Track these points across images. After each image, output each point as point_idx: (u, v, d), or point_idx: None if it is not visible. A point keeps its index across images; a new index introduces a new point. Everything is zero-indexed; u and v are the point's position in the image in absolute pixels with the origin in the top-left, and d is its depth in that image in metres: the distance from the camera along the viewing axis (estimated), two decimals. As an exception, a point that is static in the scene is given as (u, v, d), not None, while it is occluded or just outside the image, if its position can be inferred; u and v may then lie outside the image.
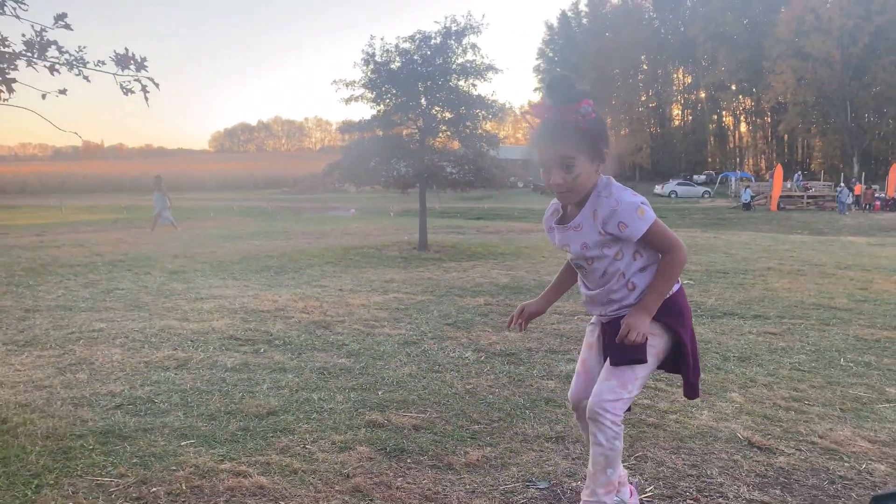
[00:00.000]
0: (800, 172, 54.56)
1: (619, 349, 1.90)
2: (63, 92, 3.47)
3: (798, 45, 58.70)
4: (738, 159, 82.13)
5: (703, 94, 78.86)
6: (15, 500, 2.86)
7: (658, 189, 49.67)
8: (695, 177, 63.01)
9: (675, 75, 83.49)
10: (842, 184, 39.08)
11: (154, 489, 2.97)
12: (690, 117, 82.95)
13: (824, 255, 13.52)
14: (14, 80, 3.16)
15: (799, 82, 60.11)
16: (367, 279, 9.66)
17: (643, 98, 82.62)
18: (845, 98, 60.23)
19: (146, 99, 3.30)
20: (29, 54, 3.10)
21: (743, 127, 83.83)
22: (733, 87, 73.49)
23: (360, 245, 14.89)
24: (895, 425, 3.94)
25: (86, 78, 3.24)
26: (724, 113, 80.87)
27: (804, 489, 3.15)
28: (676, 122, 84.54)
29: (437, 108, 13.47)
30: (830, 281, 9.63)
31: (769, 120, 75.58)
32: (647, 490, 3.09)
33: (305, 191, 57.08)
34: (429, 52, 13.04)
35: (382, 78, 13.22)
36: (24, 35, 3.02)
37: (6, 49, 3.09)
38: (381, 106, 13.62)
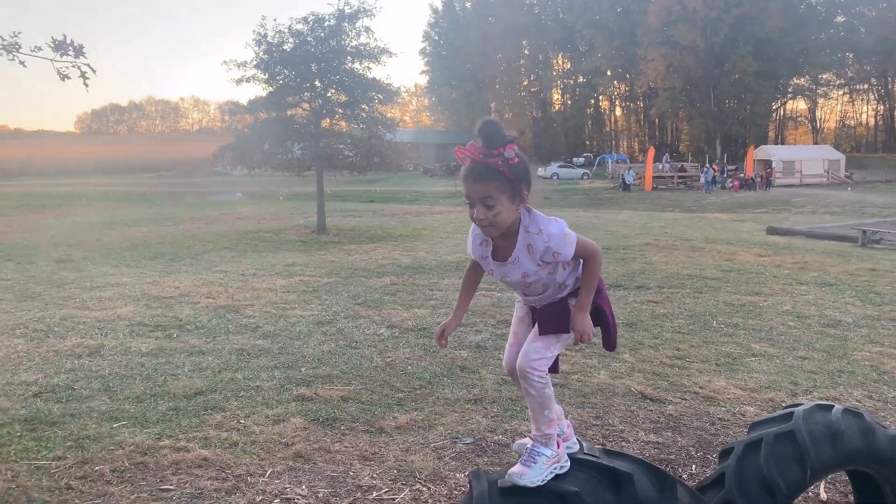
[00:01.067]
0: (667, 154, 58.30)
1: (547, 321, 2.19)
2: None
3: (667, 34, 62.48)
4: (613, 142, 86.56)
5: (581, 80, 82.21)
6: (-49, 488, 2.84)
7: (540, 171, 51.40)
8: (574, 159, 65.77)
9: (555, 61, 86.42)
10: (707, 164, 42.25)
11: (98, 468, 3.03)
12: (570, 102, 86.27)
13: (694, 231, 14.77)
14: None
15: (668, 69, 64.06)
16: (268, 263, 9.64)
17: (525, 83, 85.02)
18: (709, 84, 64.87)
19: (86, 85, 3.27)
20: None
21: (618, 111, 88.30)
22: (609, 73, 77.08)
23: (255, 229, 14.67)
24: (761, 375, 4.58)
25: (22, 63, 3.16)
26: (600, 98, 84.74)
27: (691, 430, 3.67)
28: (557, 107, 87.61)
29: (332, 91, 13.47)
30: (700, 254, 10.62)
31: (641, 105, 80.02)
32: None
33: (185, 174, 54.65)
34: (322, 34, 13.00)
35: (275, 59, 13.05)
36: None
37: None
38: (273, 87, 13.45)
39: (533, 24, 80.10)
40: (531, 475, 1.98)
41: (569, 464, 2.10)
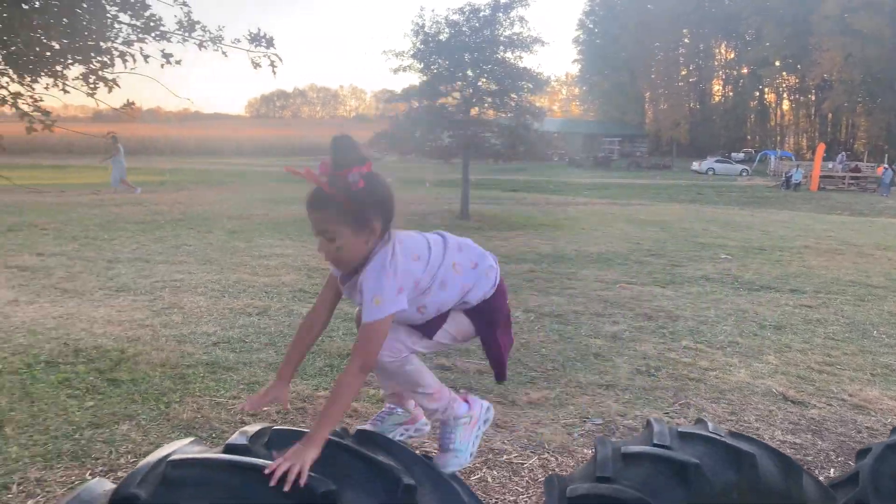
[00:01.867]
0: (843, 153, 53.52)
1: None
2: (178, 62, 3.93)
3: (846, 22, 57.15)
4: (778, 137, 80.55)
5: (745, 70, 77.29)
6: (152, 411, 3.38)
7: (695, 166, 49.08)
8: (733, 154, 62.10)
9: (717, 50, 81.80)
10: (886, 164, 38.34)
11: (265, 409, 3.47)
12: (731, 93, 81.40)
13: (863, 236, 13.61)
14: (171, 55, 3.65)
15: (846, 59, 58.64)
16: (414, 244, 10.10)
17: (683, 72, 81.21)
18: (893, 77, 58.66)
19: (274, 73, 3.76)
20: (181, 33, 3.57)
21: (785, 104, 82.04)
22: (777, 64, 71.84)
23: (401, 212, 15.25)
24: (920, 388, 4.28)
25: (224, 53, 3.71)
26: (766, 90, 79.20)
27: (833, 435, 3.54)
28: (717, 98, 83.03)
29: (483, 80, 13.75)
30: (868, 260, 9.83)
31: (813, 98, 73.90)
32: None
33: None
34: (477, 24, 13.29)
35: (431, 48, 13.52)
36: (175, 16, 3.49)
37: (163, 28, 3.57)
38: (428, 76, 13.94)
39: (695, 11, 76.12)
40: (459, 455, 1.84)
41: (492, 413, 1.97)
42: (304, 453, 1.40)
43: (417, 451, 1.87)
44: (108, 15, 3.48)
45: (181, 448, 1.42)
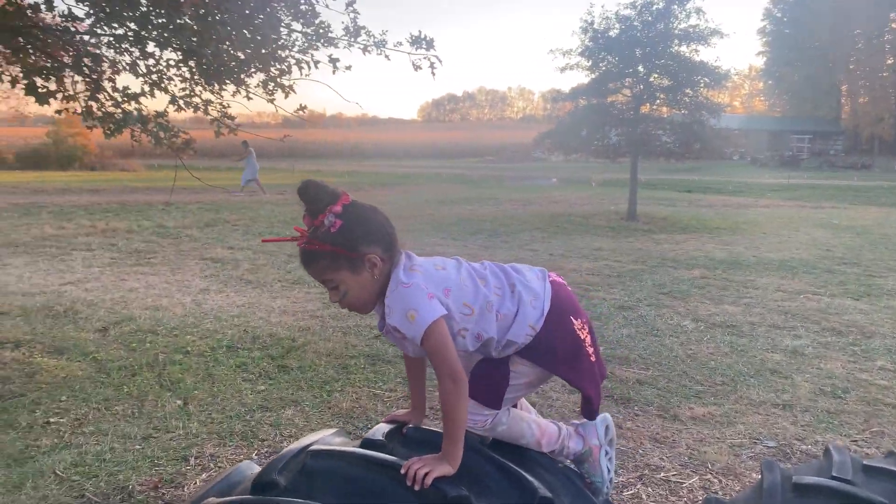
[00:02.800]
0: None
1: (474, 384, 1.65)
2: (348, 68, 4.14)
3: None
4: None
5: (969, 55, 67.45)
6: (314, 398, 3.58)
7: (902, 165, 43.73)
8: (950, 152, 54.43)
9: (934, 33, 72.09)
10: None
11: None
12: (950, 82, 71.38)
13: None
14: (338, 60, 3.88)
15: None
16: (575, 246, 9.90)
17: (889, 62, 72.51)
18: None
19: (433, 74, 3.85)
20: (346, 38, 3.78)
21: None
22: None
23: (566, 213, 15.10)
24: None
25: (386, 56, 3.88)
26: None
27: None
28: (931, 89, 73.24)
29: (655, 76, 13.17)
30: None
31: None
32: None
33: (507, 160, 58.03)
34: (650, 18, 12.74)
35: (599, 45, 13.17)
36: (342, 23, 3.70)
37: (331, 34, 3.81)
38: (596, 74, 13.60)
39: (906, -9, 67.70)
40: (595, 485, 1.80)
41: (612, 428, 1.86)
42: (438, 464, 1.37)
43: (563, 464, 1.79)
44: (282, 25, 3.73)
45: (323, 438, 1.46)
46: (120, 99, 3.68)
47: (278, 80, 4.03)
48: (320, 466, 1.31)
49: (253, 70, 3.96)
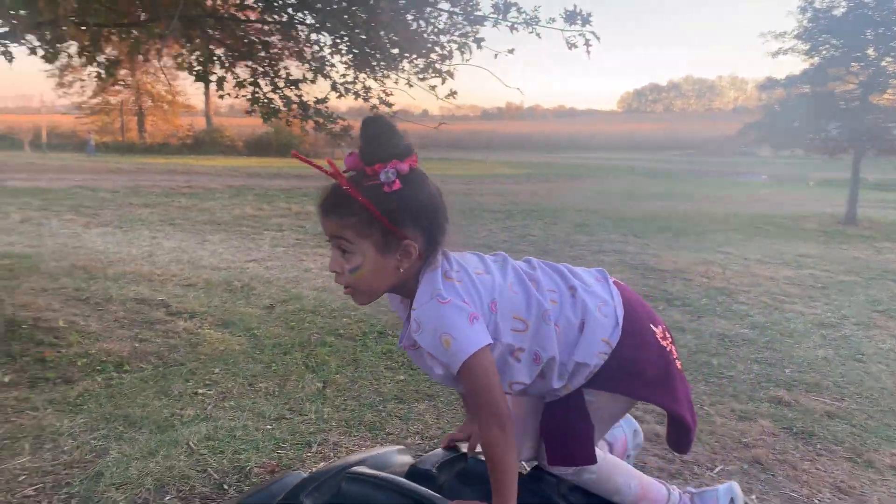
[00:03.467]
0: None
1: (551, 444, 1.36)
2: (511, 51, 3.93)
3: None
4: None
5: None
6: (450, 395, 3.44)
7: None
8: None
9: None
10: None
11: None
12: None
13: None
14: (483, 40, 3.72)
15: None
16: (776, 250, 8.85)
17: None
18: None
19: (588, 52, 3.53)
20: (495, 16, 3.61)
21: None
22: None
23: (770, 213, 13.65)
24: None
25: (538, 35, 3.62)
26: None
27: None
28: None
29: (888, 59, 11.39)
30: None
31: None
32: None
33: (712, 153, 54.29)
34: (886, -8, 11.04)
35: (820, 26, 11.66)
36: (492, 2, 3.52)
37: (478, 12, 3.66)
38: (815, 59, 12.08)
39: None
40: None
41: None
42: None
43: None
44: (429, 4, 3.60)
45: (373, 457, 1.29)
46: (283, 85, 3.81)
47: (435, 66, 3.94)
48: (354, 492, 1.14)
49: (412, 57, 3.89)
